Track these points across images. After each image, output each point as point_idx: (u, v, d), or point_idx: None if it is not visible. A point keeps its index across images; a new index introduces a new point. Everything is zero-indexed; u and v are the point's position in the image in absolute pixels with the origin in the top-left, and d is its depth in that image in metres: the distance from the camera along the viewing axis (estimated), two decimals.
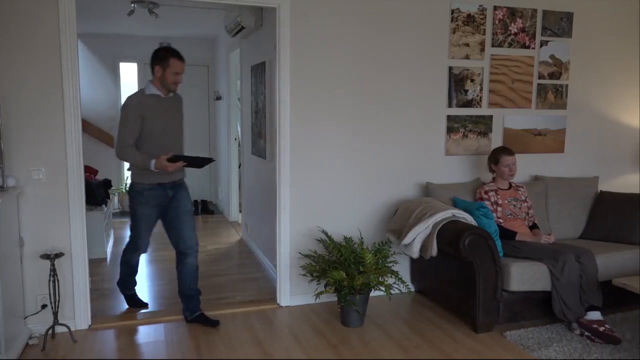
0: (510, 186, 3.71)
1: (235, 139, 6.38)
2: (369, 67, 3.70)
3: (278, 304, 3.70)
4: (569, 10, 4.18)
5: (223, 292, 3.98)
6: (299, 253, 3.63)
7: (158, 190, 3.24)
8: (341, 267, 3.27)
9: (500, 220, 3.55)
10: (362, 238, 3.55)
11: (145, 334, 3.25)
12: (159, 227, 3.42)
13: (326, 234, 3.53)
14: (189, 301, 3.35)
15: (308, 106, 3.61)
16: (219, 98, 7.02)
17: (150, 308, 3.68)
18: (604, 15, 4.29)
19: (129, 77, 7.41)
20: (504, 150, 3.66)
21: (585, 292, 3.21)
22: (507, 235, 3.45)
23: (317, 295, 3.34)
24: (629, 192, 4.16)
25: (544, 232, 3.65)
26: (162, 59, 3.12)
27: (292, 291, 3.70)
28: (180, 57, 3.14)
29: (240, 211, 6.28)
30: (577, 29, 4.22)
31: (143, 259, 4.93)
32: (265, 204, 4.44)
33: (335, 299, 3.38)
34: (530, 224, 3.69)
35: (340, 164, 3.73)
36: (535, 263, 3.24)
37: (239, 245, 5.44)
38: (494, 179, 3.73)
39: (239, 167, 6.25)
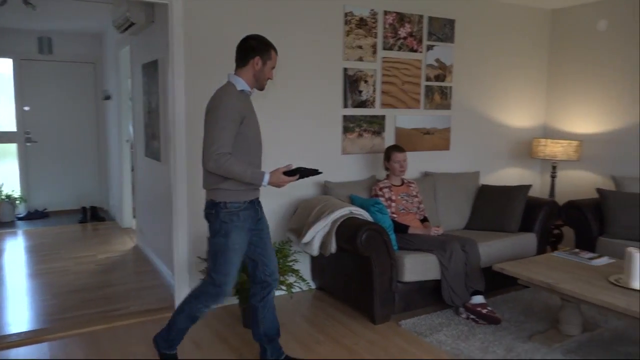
0: (403, 182, 3.91)
1: (127, 140, 6.04)
2: None
3: None
4: (451, 18, 4.49)
5: (116, 303, 3.75)
6: (198, 257, 3.53)
7: (251, 210, 2.56)
8: (241, 268, 3.22)
9: (394, 215, 3.72)
10: None
11: (26, 355, 2.96)
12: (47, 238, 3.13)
13: None
14: (274, 344, 2.75)
15: (204, 106, 3.51)
16: (108, 97, 6.60)
17: (32, 326, 3.37)
18: (482, 22, 4.68)
19: (2, 74, 6.71)
20: (395, 148, 3.85)
21: (470, 278, 3.48)
22: (400, 229, 3.63)
23: None
24: (505, 184, 4.57)
25: (433, 225, 3.89)
26: (263, 50, 2.53)
27: None
28: (276, 50, 2.64)
29: (134, 217, 5.96)
30: (459, 35, 4.55)
31: (23, 273, 4.52)
32: (161, 207, 4.25)
33: (237, 301, 3.33)
34: (421, 217, 3.91)
35: None
36: (426, 254, 3.45)
37: (134, 253, 5.16)
38: (387, 176, 3.91)
39: (132, 170, 5.93)
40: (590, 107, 4.80)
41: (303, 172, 2.53)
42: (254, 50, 2.54)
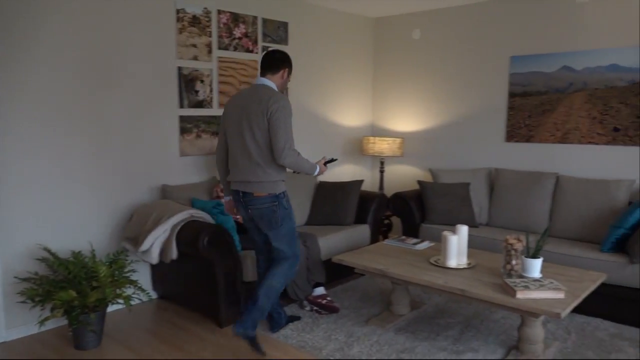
0: None
1: None
2: (95, 63, 3.39)
3: None
4: (285, 20, 4.62)
5: None
6: (16, 277, 3.11)
7: None
8: (70, 285, 2.93)
9: (237, 216, 3.71)
10: (93, 250, 3.25)
11: None
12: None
13: (49, 251, 3.12)
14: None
15: (16, 105, 3.10)
16: None
17: None
18: (313, 26, 4.89)
19: None
20: None
21: (311, 271, 3.63)
22: (243, 229, 3.63)
23: (42, 322, 2.91)
24: (340, 180, 4.86)
25: None
26: (290, 64, 3.00)
27: (9, 323, 3.14)
28: None
29: None
30: (292, 38, 4.70)
31: None
32: None
33: (67, 322, 3.01)
34: None
35: (64, 170, 3.32)
36: None
37: None
38: None
39: None
40: (409, 108, 5.34)
41: (331, 160, 3.17)
42: (283, 62, 2.97)
